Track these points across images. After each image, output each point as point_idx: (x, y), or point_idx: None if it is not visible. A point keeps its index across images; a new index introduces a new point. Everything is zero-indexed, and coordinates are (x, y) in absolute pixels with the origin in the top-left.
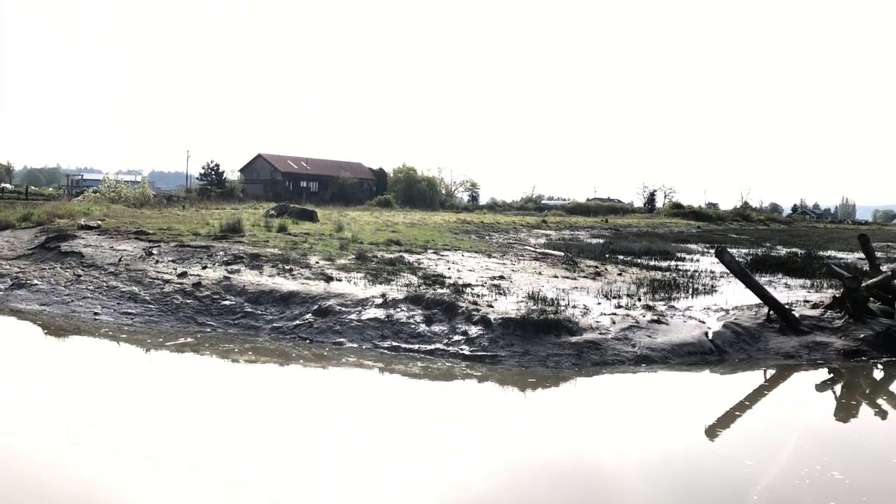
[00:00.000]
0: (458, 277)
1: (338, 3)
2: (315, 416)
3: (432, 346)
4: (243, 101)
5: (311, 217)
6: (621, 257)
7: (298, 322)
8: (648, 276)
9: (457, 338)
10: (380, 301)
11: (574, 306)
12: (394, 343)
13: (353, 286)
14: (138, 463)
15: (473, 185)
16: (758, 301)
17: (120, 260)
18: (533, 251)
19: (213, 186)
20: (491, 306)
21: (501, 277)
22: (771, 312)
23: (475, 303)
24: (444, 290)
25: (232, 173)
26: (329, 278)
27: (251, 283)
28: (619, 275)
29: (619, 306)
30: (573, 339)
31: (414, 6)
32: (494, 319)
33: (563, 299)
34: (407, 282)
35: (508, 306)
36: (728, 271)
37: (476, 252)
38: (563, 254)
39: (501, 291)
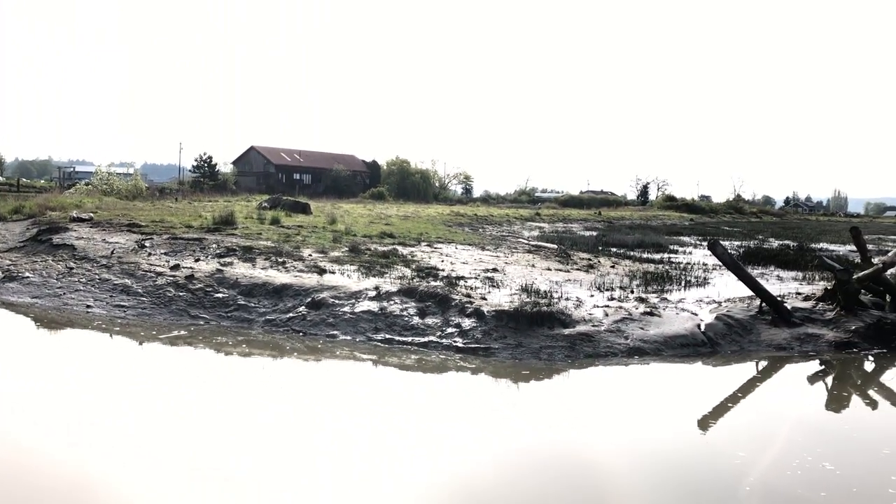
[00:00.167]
0: (452, 270)
1: None
2: (310, 408)
3: (426, 339)
4: (236, 93)
5: (305, 209)
6: (614, 250)
7: (292, 315)
8: (641, 268)
9: (450, 330)
10: (373, 293)
11: (567, 299)
12: (387, 335)
13: (347, 279)
14: (131, 457)
15: (467, 177)
16: (750, 293)
17: (112, 252)
18: (526, 244)
19: (205, 179)
20: (484, 299)
21: (495, 270)
22: (763, 304)
23: (468, 295)
24: (438, 283)
25: (225, 165)
26: (322, 271)
27: (244, 276)
28: (612, 267)
29: (612, 298)
30: (566, 331)
31: None
32: (488, 312)
33: (557, 292)
34: (400, 274)
35: (502, 299)
36: (720, 263)
37: (469, 245)
38: (556, 246)
39: (495, 284)
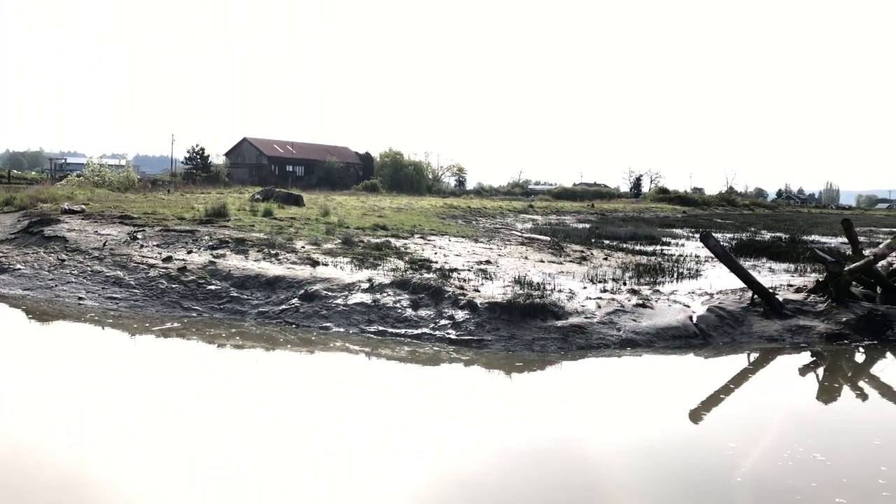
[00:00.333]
0: (445, 262)
1: None
2: (304, 401)
3: (419, 331)
4: (229, 85)
5: (297, 201)
6: (607, 242)
7: (285, 307)
8: (634, 260)
9: (443, 322)
10: (366, 286)
11: (560, 291)
12: (380, 327)
13: (340, 271)
14: (120, 450)
15: (460, 169)
16: (742, 285)
17: (104, 244)
18: (519, 236)
19: (198, 170)
20: (477, 291)
21: (488, 262)
22: (755, 296)
23: (462, 287)
24: (431, 275)
25: (217, 157)
26: (315, 263)
27: (237, 268)
28: (605, 259)
29: (605, 290)
30: (559, 323)
31: None
32: (481, 304)
33: (549, 284)
34: (393, 266)
35: (495, 291)
36: (713, 256)
37: (463, 237)
38: (549, 238)
39: (488, 276)
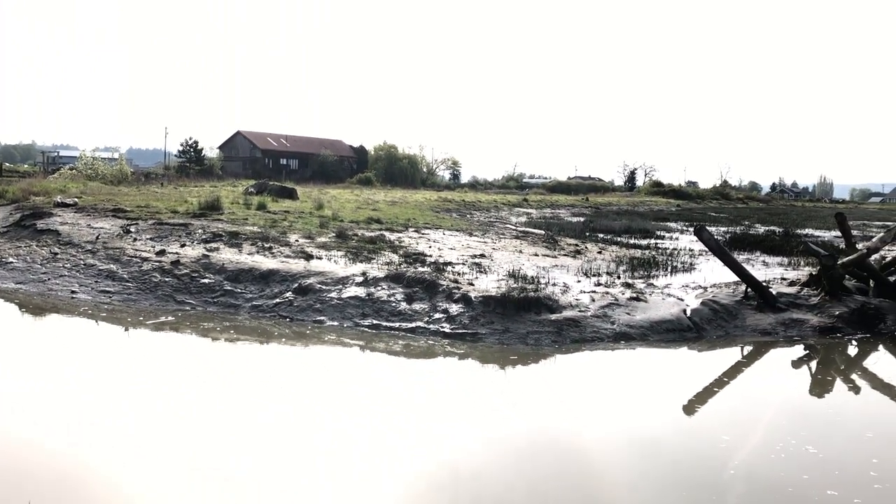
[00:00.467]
0: (439, 256)
1: None
2: (299, 395)
3: (413, 324)
4: (222, 78)
5: (291, 195)
6: (601, 235)
7: (278, 300)
8: (628, 254)
9: (437, 316)
10: (360, 279)
11: (554, 284)
12: (375, 321)
13: (334, 264)
14: (118, 446)
15: (455, 163)
16: (736, 279)
17: (97, 238)
18: (514, 229)
19: (191, 164)
20: (472, 284)
21: (482, 256)
22: (749, 290)
23: (456, 281)
24: (425, 269)
25: (211, 150)
26: (309, 256)
27: (230, 262)
28: (599, 253)
29: (599, 284)
30: (553, 316)
31: None
32: (475, 297)
33: (544, 277)
34: (388, 260)
35: (489, 284)
36: (707, 249)
37: (457, 230)
38: (543, 232)
39: (482, 270)
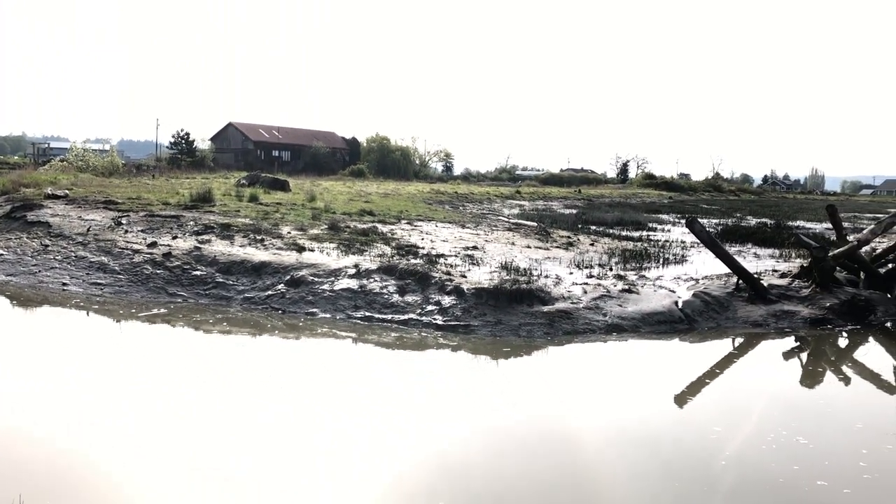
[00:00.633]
0: (432, 248)
1: None
2: (291, 388)
3: (406, 316)
4: (214, 69)
5: (283, 187)
6: (594, 227)
7: (271, 292)
8: (620, 246)
9: (430, 308)
10: (353, 271)
11: (546, 276)
12: (367, 313)
13: (326, 256)
14: (109, 439)
15: (448, 155)
16: (727, 270)
17: (88, 230)
18: (506, 222)
19: (183, 155)
20: (464, 276)
21: (475, 248)
22: (740, 282)
23: (448, 273)
24: (418, 261)
25: (202, 142)
26: (301, 248)
27: (222, 254)
28: (592, 245)
29: (591, 276)
30: (545, 308)
31: None
32: (467, 289)
33: (536, 269)
34: (380, 252)
35: (481, 276)
36: (698, 241)
37: (450, 222)
38: (536, 224)
39: (475, 262)
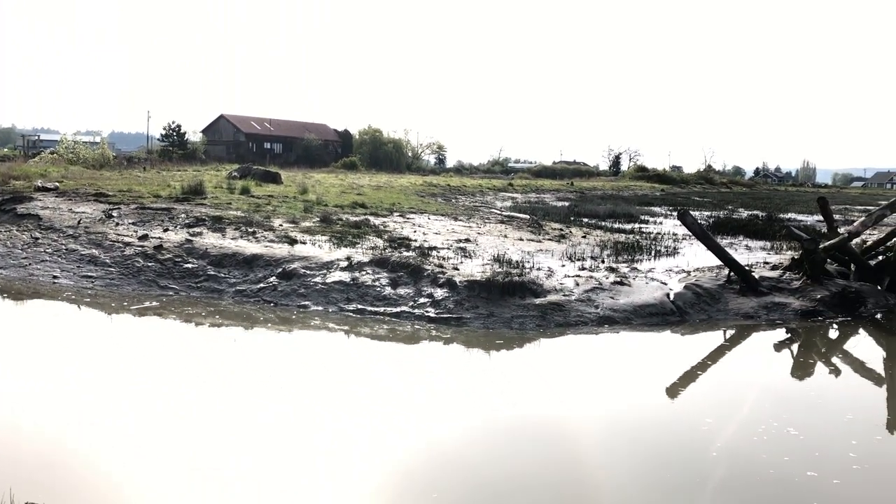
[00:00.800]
0: (424, 240)
1: None
2: (283, 380)
3: (398, 309)
4: (205, 61)
5: (275, 179)
6: (586, 220)
7: (263, 285)
8: (612, 238)
9: (422, 300)
10: (345, 264)
11: (539, 269)
12: (359, 306)
13: (318, 249)
14: (101, 431)
15: (440, 147)
16: (719, 263)
17: (79, 222)
18: (499, 214)
19: (174, 148)
20: (457, 269)
21: (467, 240)
22: (731, 274)
23: (441, 265)
24: (410, 253)
25: (194, 134)
26: (293, 241)
27: (214, 246)
28: (584, 237)
29: (583, 268)
30: (537, 300)
31: None
32: (460, 282)
33: (528, 262)
34: (372, 245)
35: (474, 269)
36: (690, 233)
37: (442, 215)
38: (528, 217)
39: (467, 254)
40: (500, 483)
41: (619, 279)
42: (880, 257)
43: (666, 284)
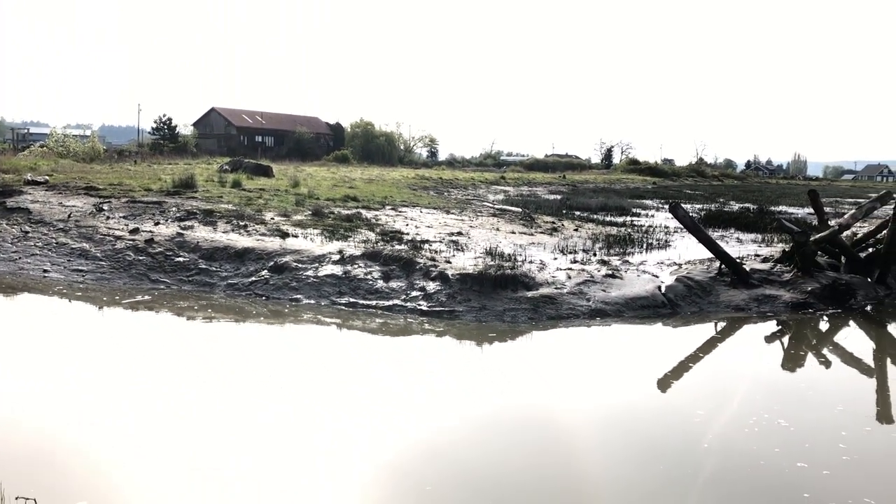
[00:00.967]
0: (417, 234)
1: None
2: (275, 372)
3: (390, 302)
4: (196, 54)
5: (267, 172)
6: (578, 213)
7: (254, 279)
8: (604, 231)
9: (415, 294)
10: (337, 257)
11: (531, 262)
12: (351, 299)
13: (310, 242)
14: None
15: (432, 140)
16: (710, 255)
17: (69, 216)
18: (491, 207)
19: (165, 141)
20: (449, 262)
21: (459, 233)
22: (722, 266)
23: (433, 259)
24: (402, 247)
25: (185, 127)
26: (285, 234)
27: (205, 240)
28: (576, 230)
29: (575, 261)
30: (529, 293)
31: None
32: (452, 275)
33: (521, 255)
34: (364, 238)
35: (466, 262)
36: (682, 226)
37: (434, 208)
38: (520, 210)
39: (459, 247)
40: (491, 476)
41: (610, 272)
42: (870, 249)
43: (657, 277)
